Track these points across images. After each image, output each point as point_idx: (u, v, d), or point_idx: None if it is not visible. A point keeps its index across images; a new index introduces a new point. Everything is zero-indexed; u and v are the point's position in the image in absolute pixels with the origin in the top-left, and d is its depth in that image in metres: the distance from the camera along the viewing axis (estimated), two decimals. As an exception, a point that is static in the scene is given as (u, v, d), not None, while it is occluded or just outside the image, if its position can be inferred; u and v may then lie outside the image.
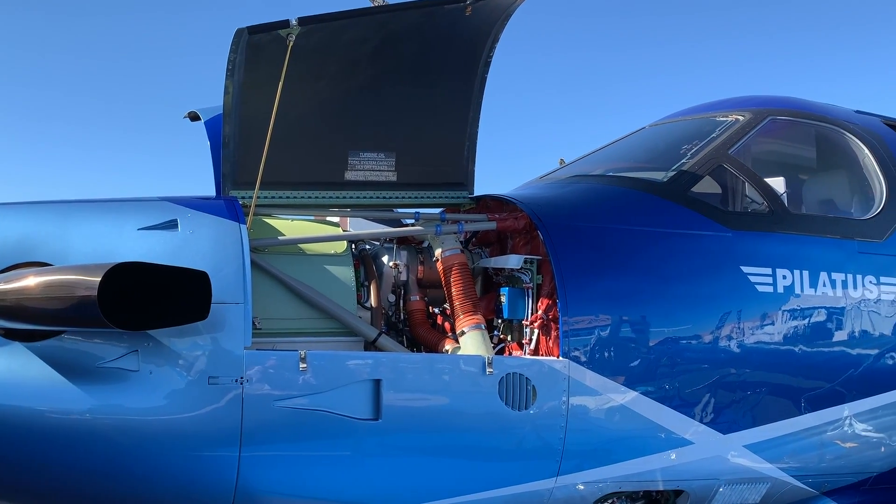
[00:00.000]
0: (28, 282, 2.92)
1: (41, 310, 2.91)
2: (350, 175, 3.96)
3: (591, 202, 4.17)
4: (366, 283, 3.85)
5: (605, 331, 3.67)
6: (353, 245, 3.97)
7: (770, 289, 4.01)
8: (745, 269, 3.99)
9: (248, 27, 3.36)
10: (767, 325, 3.99)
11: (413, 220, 4.13)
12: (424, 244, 4.10)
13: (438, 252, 3.93)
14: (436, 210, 4.14)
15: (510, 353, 3.86)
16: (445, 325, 4.05)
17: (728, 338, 3.90)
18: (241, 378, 3.15)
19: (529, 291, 3.83)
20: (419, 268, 3.99)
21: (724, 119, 4.56)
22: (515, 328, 3.91)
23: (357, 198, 4.01)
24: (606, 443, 3.70)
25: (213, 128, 4.24)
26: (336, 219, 4.32)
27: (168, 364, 3.12)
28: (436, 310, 4.15)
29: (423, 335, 3.89)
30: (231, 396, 3.15)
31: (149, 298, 2.96)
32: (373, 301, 3.79)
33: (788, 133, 4.78)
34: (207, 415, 3.13)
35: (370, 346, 3.67)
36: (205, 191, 4.13)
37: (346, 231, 4.33)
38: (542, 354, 3.74)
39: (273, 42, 3.39)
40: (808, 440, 4.11)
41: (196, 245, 3.27)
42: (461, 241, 4.04)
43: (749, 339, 3.95)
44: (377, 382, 3.33)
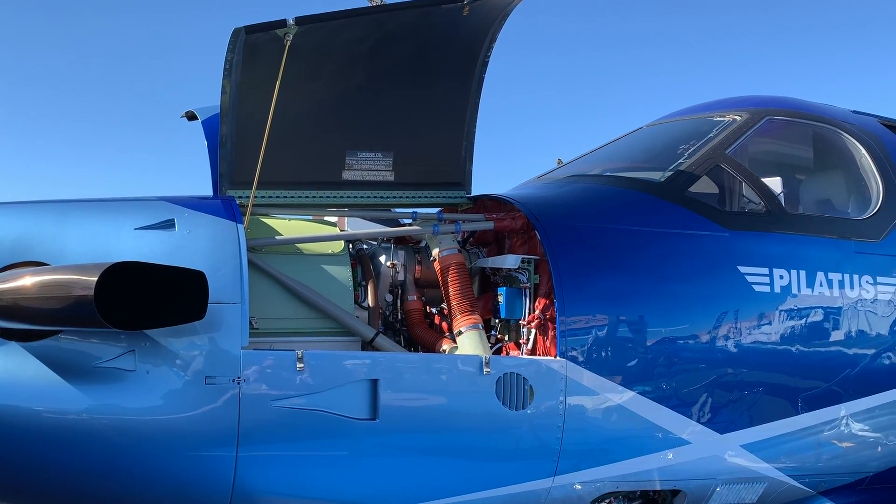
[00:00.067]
0: (25, 281, 2.91)
1: (38, 309, 2.91)
2: (347, 175, 3.96)
3: (589, 202, 4.18)
4: (363, 283, 3.84)
5: (603, 331, 3.68)
6: (351, 245, 3.97)
7: (767, 289, 4.01)
8: (742, 269, 3.99)
9: (246, 27, 3.35)
10: (764, 325, 4.00)
11: (410, 220, 4.13)
12: (422, 244, 4.10)
13: (436, 252, 3.93)
14: (433, 210, 4.14)
15: (507, 353, 3.86)
16: (443, 325, 4.05)
17: (725, 338, 3.91)
18: (238, 378, 3.15)
19: (527, 291, 3.83)
20: (416, 267, 3.99)
21: (722, 119, 4.57)
22: (513, 328, 3.91)
23: (354, 197, 4.00)
24: (604, 442, 3.70)
25: (211, 127, 4.23)
26: (334, 218, 4.32)
27: (165, 364, 3.12)
28: (433, 310, 4.15)
29: (421, 335, 3.89)
30: (228, 396, 3.14)
31: (146, 298, 2.96)
32: (370, 301, 3.79)
33: (785, 133, 4.78)
34: (204, 415, 3.13)
35: (367, 346, 3.67)
36: (202, 190, 4.13)
37: (344, 231, 4.33)
38: (540, 354, 3.74)
39: (270, 42, 3.39)
40: (805, 440, 4.12)
41: (193, 245, 3.27)
42: (458, 241, 4.04)
43: (746, 339, 3.95)
44: (374, 382, 3.33)
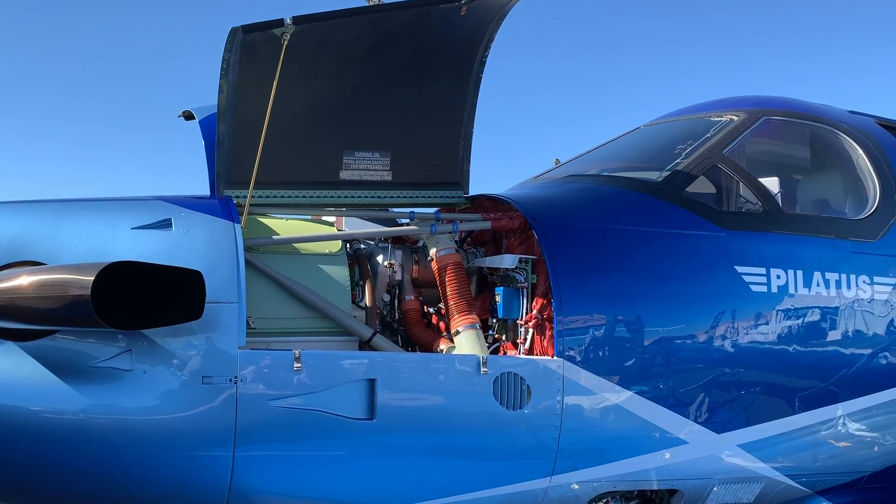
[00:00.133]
0: (21, 281, 2.91)
1: (34, 309, 2.90)
2: (345, 174, 3.95)
3: (586, 202, 4.18)
4: (360, 283, 3.84)
5: (600, 330, 3.68)
6: (348, 244, 3.96)
7: (764, 288, 4.02)
8: (740, 269, 3.99)
9: (243, 26, 3.35)
10: (761, 325, 4.00)
11: (408, 220, 4.13)
12: (419, 244, 4.10)
13: (433, 251, 3.93)
14: (431, 210, 4.14)
15: (505, 353, 3.86)
16: (440, 325, 4.05)
17: (722, 337, 3.91)
18: (236, 378, 3.15)
19: (524, 291, 3.83)
20: (414, 267, 3.99)
21: (719, 119, 4.57)
22: (510, 328, 3.91)
23: (352, 197, 4.00)
24: (601, 442, 3.71)
25: (208, 127, 4.22)
26: (332, 218, 4.32)
27: (162, 364, 3.11)
28: (430, 309, 4.15)
29: (418, 335, 3.89)
30: (225, 396, 3.14)
31: (143, 298, 2.95)
32: (367, 300, 3.79)
33: (783, 133, 4.79)
34: (201, 414, 3.13)
35: (365, 346, 3.67)
36: (199, 190, 4.12)
37: (341, 230, 4.32)
38: (537, 354, 3.74)
39: (267, 41, 3.39)
40: (802, 439, 4.13)
41: (190, 244, 3.27)
42: (456, 241, 4.04)
43: (743, 339, 3.95)
44: (372, 382, 3.33)
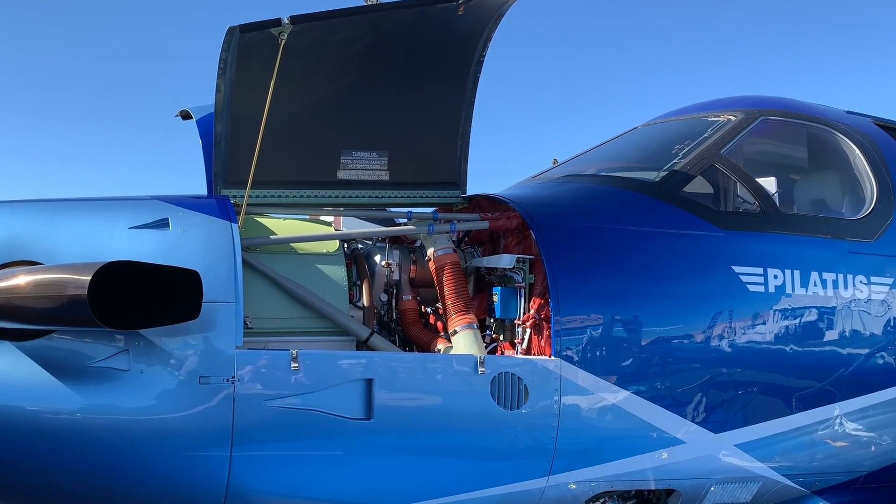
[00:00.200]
0: (18, 280, 2.90)
1: (31, 309, 2.89)
2: (342, 174, 3.95)
3: (584, 202, 4.18)
4: (358, 283, 3.84)
5: (597, 330, 3.68)
6: (346, 244, 3.96)
7: (761, 288, 4.02)
8: (737, 269, 4.00)
9: (240, 25, 3.35)
10: (759, 325, 4.00)
11: (406, 220, 4.13)
12: (417, 243, 4.10)
13: (431, 251, 3.92)
14: (428, 209, 4.14)
15: (502, 353, 3.86)
16: (438, 325, 4.04)
17: (719, 337, 3.91)
18: (233, 377, 3.14)
19: (522, 291, 3.83)
20: (411, 267, 3.99)
21: (716, 119, 4.57)
22: (508, 328, 3.91)
23: (349, 197, 4.00)
24: (598, 442, 3.71)
25: (205, 126, 4.22)
26: (329, 218, 4.32)
27: (159, 363, 3.11)
28: (428, 309, 4.14)
29: (416, 334, 3.89)
30: (222, 396, 3.14)
31: (139, 298, 2.95)
32: (365, 300, 3.79)
33: (780, 133, 4.79)
34: (198, 414, 3.12)
35: (362, 346, 3.67)
36: (196, 189, 4.12)
37: (339, 230, 4.32)
38: (535, 354, 3.74)
39: (265, 41, 3.38)
40: (799, 439, 4.13)
41: (187, 244, 3.26)
42: (453, 241, 4.04)
43: (740, 339, 3.96)
44: (369, 382, 3.33)
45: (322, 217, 4.17)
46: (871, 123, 5.01)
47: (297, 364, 3.22)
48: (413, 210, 4.07)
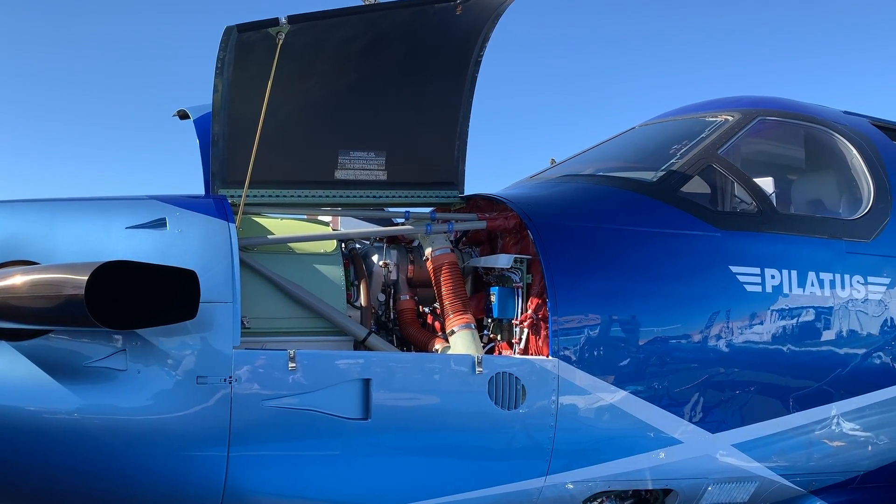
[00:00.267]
0: (14, 280, 2.90)
1: (28, 309, 2.89)
2: (340, 174, 3.95)
3: (581, 202, 4.18)
4: (355, 283, 3.84)
5: (595, 330, 3.68)
6: (343, 244, 3.96)
7: (759, 288, 4.03)
8: (734, 269, 4.00)
9: (238, 25, 3.34)
10: (756, 325, 4.01)
11: (403, 220, 4.13)
12: (414, 243, 4.10)
13: (428, 251, 3.92)
14: (426, 209, 4.13)
15: (500, 353, 3.86)
16: (435, 325, 4.04)
17: (717, 337, 3.92)
18: (230, 377, 3.14)
19: (519, 291, 3.83)
20: (409, 267, 3.99)
21: (714, 119, 4.58)
22: (505, 327, 3.91)
23: (347, 197, 3.99)
24: (596, 442, 3.71)
25: (203, 126, 4.22)
26: (328, 218, 4.31)
27: (156, 363, 3.11)
28: (426, 309, 4.14)
29: (413, 334, 3.89)
30: (219, 396, 3.13)
31: (137, 297, 2.95)
32: (362, 300, 3.79)
33: (777, 133, 4.80)
34: (196, 414, 3.12)
35: (360, 346, 3.66)
36: (194, 189, 4.11)
37: (337, 230, 4.32)
38: (532, 354, 3.74)
39: (262, 40, 3.38)
40: (796, 439, 4.13)
41: (184, 244, 3.26)
42: (451, 241, 4.04)
43: (738, 339, 3.96)
44: (367, 382, 3.33)
45: (320, 217, 4.17)
46: (869, 124, 5.02)
47: (295, 364, 3.22)
48: (411, 210, 4.07)
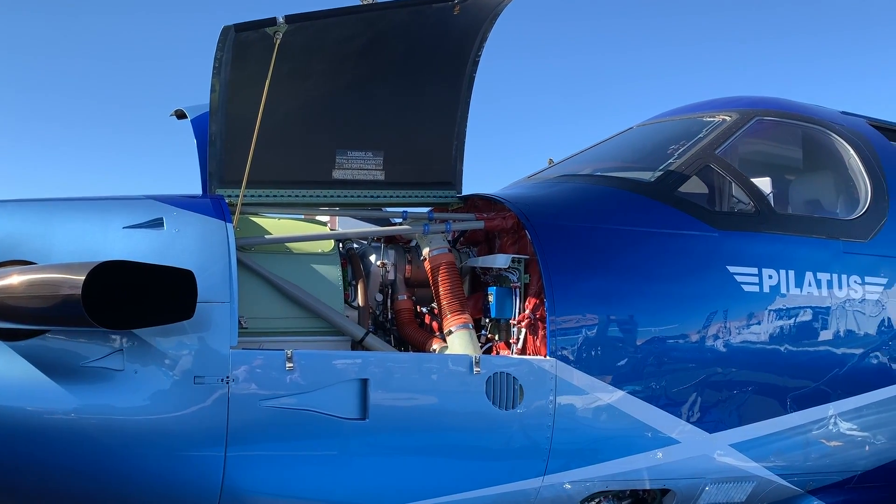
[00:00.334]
0: (11, 280, 2.89)
1: (24, 308, 2.88)
2: (337, 174, 3.95)
3: (579, 202, 4.18)
4: (353, 283, 3.84)
5: (593, 330, 3.68)
6: (341, 244, 3.96)
7: (756, 288, 4.03)
8: (732, 269, 4.00)
9: (235, 25, 3.34)
10: (753, 325, 4.01)
11: (401, 220, 4.12)
12: (412, 243, 4.10)
13: (426, 251, 3.92)
14: (424, 209, 4.13)
15: (497, 353, 3.86)
16: (433, 325, 4.04)
17: (714, 337, 3.92)
18: (227, 377, 3.14)
19: (517, 291, 3.83)
20: (407, 267, 3.99)
21: (712, 119, 4.58)
22: (503, 327, 3.91)
23: (345, 197, 3.99)
24: (593, 442, 3.71)
25: (200, 126, 4.21)
26: (326, 218, 4.31)
27: (153, 363, 3.10)
28: (423, 309, 4.14)
29: (411, 334, 3.89)
30: (217, 396, 3.13)
31: (134, 297, 2.94)
32: (360, 300, 3.79)
33: (775, 133, 4.80)
34: (193, 414, 3.11)
35: (357, 346, 3.66)
36: (191, 189, 4.10)
37: (335, 230, 4.32)
38: (530, 354, 3.74)
39: (260, 40, 3.38)
40: (794, 439, 4.14)
41: (182, 244, 3.25)
42: (449, 241, 4.04)
43: (735, 339, 3.96)
44: (364, 382, 3.33)
45: (317, 217, 4.16)
46: (866, 124, 5.03)
47: (292, 364, 3.21)
48: (408, 210, 4.06)
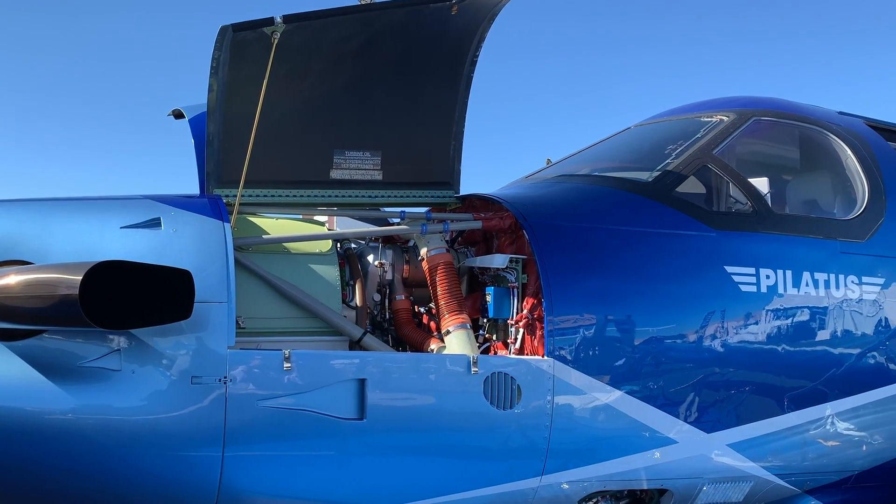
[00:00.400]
0: (8, 280, 2.89)
1: (21, 308, 2.88)
2: (335, 174, 3.95)
3: (577, 202, 4.18)
4: (351, 283, 3.83)
5: (590, 330, 3.68)
6: (339, 244, 3.96)
7: (753, 288, 4.03)
8: (729, 269, 4.01)
9: (233, 24, 3.34)
10: (751, 325, 4.01)
11: (399, 219, 4.12)
12: (410, 243, 4.10)
13: (424, 251, 3.92)
14: (422, 209, 4.13)
15: (495, 353, 3.86)
16: (431, 325, 4.04)
17: (712, 337, 3.92)
18: (225, 378, 3.14)
19: (515, 291, 3.83)
20: (404, 267, 3.98)
21: (709, 119, 4.59)
22: (501, 327, 3.91)
23: (342, 196, 3.99)
24: (591, 442, 3.71)
25: (198, 126, 4.21)
26: (324, 217, 4.31)
27: (151, 363, 3.10)
28: (421, 309, 4.14)
29: (409, 334, 3.89)
30: (214, 396, 3.13)
31: (131, 297, 2.94)
32: (358, 300, 3.78)
33: (772, 134, 4.81)
34: (190, 415, 3.11)
35: (355, 346, 3.66)
36: (189, 189, 4.10)
37: (333, 230, 4.31)
38: (528, 354, 3.74)
39: (258, 40, 3.37)
40: (791, 439, 4.14)
41: (179, 244, 3.25)
42: (447, 241, 4.04)
43: (733, 339, 3.97)
44: (362, 382, 3.32)
45: (315, 217, 4.16)
46: (863, 124, 5.03)
47: (290, 364, 3.21)
48: (406, 210, 4.07)
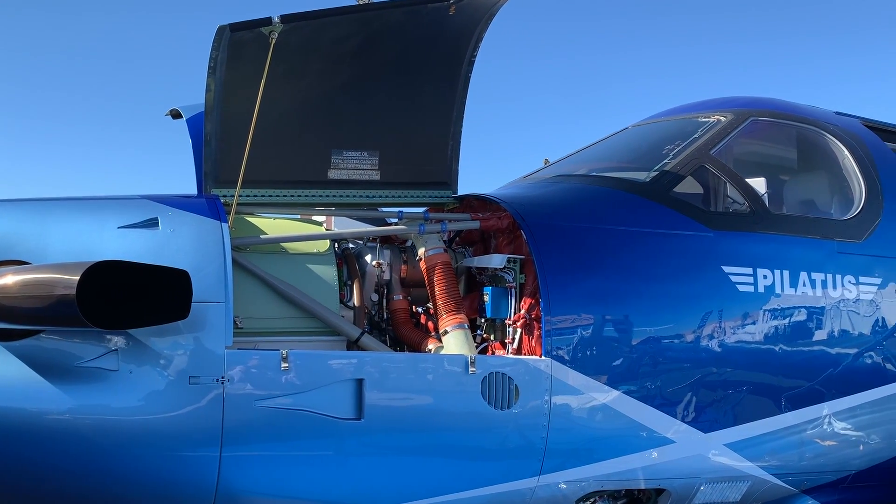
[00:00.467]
0: (6, 280, 2.89)
1: (19, 308, 2.88)
2: (333, 174, 3.95)
3: (575, 202, 4.19)
4: (349, 283, 3.83)
5: (588, 330, 3.69)
6: (336, 244, 3.96)
7: (751, 288, 4.04)
8: (727, 269, 4.01)
9: (231, 24, 3.34)
10: (748, 325, 4.02)
11: (396, 219, 4.12)
12: (408, 243, 4.10)
13: (422, 251, 3.92)
14: (419, 209, 4.13)
15: (493, 353, 3.86)
16: (429, 325, 4.05)
17: (709, 337, 3.93)
18: (223, 378, 3.14)
19: (512, 291, 3.84)
20: (402, 267, 3.99)
21: (707, 120, 4.59)
22: (498, 327, 3.91)
23: (340, 196, 3.99)
24: (589, 442, 3.71)
25: (195, 125, 4.21)
26: (321, 217, 4.31)
27: (148, 364, 3.10)
28: (419, 309, 4.14)
29: (406, 334, 3.89)
30: (212, 396, 3.13)
31: (129, 297, 2.94)
32: (355, 300, 3.78)
33: (770, 134, 4.81)
34: (188, 415, 3.11)
35: (353, 346, 3.66)
36: (187, 189, 4.10)
37: (330, 230, 4.31)
38: (525, 354, 3.74)
39: (255, 39, 3.37)
40: (788, 439, 4.15)
41: (177, 243, 3.25)
42: (445, 241, 4.04)
43: (730, 339, 3.97)
44: (360, 382, 3.33)
45: (313, 217, 4.16)
46: (860, 124, 5.04)
47: (288, 364, 3.21)
48: (404, 210, 4.07)
